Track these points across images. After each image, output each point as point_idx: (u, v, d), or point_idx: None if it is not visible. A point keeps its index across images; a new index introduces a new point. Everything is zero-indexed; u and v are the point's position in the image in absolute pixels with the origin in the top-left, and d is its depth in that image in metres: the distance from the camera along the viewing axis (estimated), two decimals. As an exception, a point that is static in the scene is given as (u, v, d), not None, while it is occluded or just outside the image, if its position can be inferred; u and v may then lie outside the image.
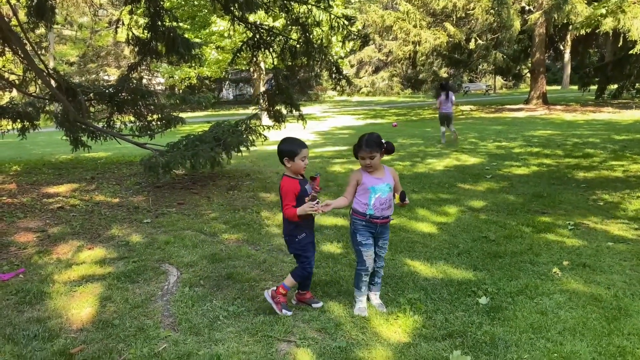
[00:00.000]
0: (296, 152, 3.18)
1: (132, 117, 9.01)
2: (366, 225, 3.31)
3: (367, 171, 3.32)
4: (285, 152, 3.20)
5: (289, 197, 3.17)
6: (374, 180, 3.31)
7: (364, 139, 3.29)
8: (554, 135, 12.35)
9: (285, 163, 3.20)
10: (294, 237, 3.29)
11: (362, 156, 3.29)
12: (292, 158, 3.18)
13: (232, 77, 41.56)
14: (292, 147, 3.21)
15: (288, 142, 3.26)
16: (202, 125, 16.95)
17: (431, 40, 19.24)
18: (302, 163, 3.20)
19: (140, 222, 5.59)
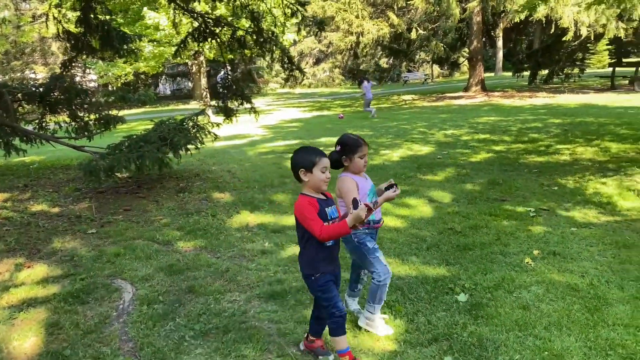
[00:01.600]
0: (314, 162, 2.55)
1: (67, 118, 8.33)
2: (369, 233, 3.01)
3: (362, 172, 2.98)
4: (301, 162, 2.57)
5: (313, 216, 2.49)
6: (366, 182, 3.00)
7: (355, 136, 2.96)
8: (498, 121, 12.64)
9: (302, 176, 2.57)
10: (309, 277, 2.66)
11: (364, 154, 2.93)
12: (309, 169, 2.55)
13: (169, 71, 40.13)
14: (310, 156, 2.57)
15: (303, 151, 2.64)
16: (142, 123, 16.17)
17: (374, 31, 19.25)
18: (322, 176, 2.56)
19: (85, 232, 5.12)
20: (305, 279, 2.69)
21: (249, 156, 9.42)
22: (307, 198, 2.56)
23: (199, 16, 7.07)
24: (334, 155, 2.88)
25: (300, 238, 2.63)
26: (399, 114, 16.85)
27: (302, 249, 2.64)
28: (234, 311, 3.35)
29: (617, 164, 7.13)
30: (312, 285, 2.66)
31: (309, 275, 2.64)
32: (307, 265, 2.64)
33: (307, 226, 2.49)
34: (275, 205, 5.98)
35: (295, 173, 2.62)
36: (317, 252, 2.58)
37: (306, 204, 2.53)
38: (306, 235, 2.55)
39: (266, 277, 3.91)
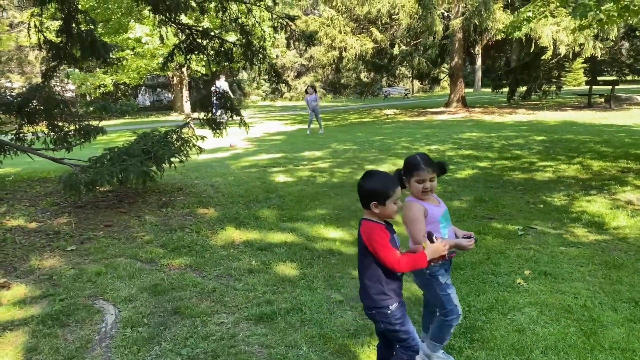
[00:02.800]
0: (389, 194, 2.30)
1: (45, 128, 8.11)
2: (442, 265, 2.64)
3: (423, 198, 2.60)
4: (376, 194, 2.29)
5: (387, 244, 2.28)
6: (437, 209, 2.64)
7: (420, 157, 2.58)
8: (480, 137, 12.74)
9: (373, 208, 2.30)
10: (385, 310, 2.36)
11: (422, 179, 2.54)
12: (383, 202, 2.29)
13: (149, 82, 39.78)
14: (385, 187, 2.31)
15: (378, 179, 2.36)
16: (122, 135, 15.91)
17: (357, 46, 19.38)
18: (395, 207, 2.32)
19: (64, 249, 4.94)
20: (375, 314, 2.39)
21: (233, 170, 9.29)
22: (375, 224, 2.33)
23: (185, 28, 6.98)
24: (397, 175, 2.60)
25: (366, 267, 2.35)
26: (382, 128, 16.90)
27: (367, 280, 2.37)
28: (222, 334, 3.23)
29: (600, 182, 7.21)
30: (387, 318, 2.37)
31: (382, 308, 2.35)
32: (379, 297, 2.36)
33: (382, 255, 2.25)
34: (261, 221, 5.87)
35: (364, 202, 2.34)
36: (388, 282, 2.34)
37: (378, 231, 2.29)
38: (374, 264, 2.31)
39: (254, 297, 3.80)
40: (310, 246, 4.96)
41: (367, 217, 2.37)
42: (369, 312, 2.42)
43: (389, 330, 2.41)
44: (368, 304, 2.40)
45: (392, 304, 2.36)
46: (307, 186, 7.67)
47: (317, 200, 6.79)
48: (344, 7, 19.99)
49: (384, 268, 2.29)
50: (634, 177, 7.34)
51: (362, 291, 2.43)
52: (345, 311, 3.53)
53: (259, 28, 7.31)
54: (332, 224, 5.68)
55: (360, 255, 2.39)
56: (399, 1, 18.18)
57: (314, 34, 6.96)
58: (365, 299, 2.42)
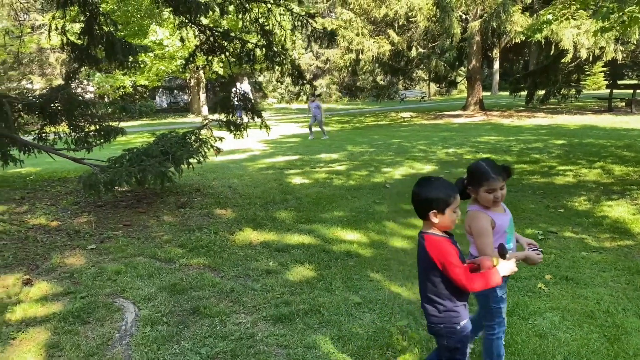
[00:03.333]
0: (448, 202, 2.16)
1: (67, 129, 8.23)
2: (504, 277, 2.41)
3: (491, 208, 2.49)
4: (435, 200, 2.16)
5: (458, 262, 2.14)
6: (504, 218, 2.52)
7: (487, 165, 2.47)
8: (499, 141, 12.62)
9: (431, 217, 2.16)
10: (454, 326, 2.23)
11: (492, 188, 2.42)
12: (442, 210, 2.16)
13: (166, 84, 40.18)
14: (443, 195, 2.16)
15: (434, 187, 2.21)
16: (140, 135, 16.07)
17: (374, 49, 19.32)
18: (454, 216, 2.18)
19: (84, 248, 5.00)
20: (443, 329, 2.25)
21: (249, 171, 9.33)
22: (442, 239, 2.18)
23: (206, 29, 7.02)
24: (459, 185, 2.48)
25: (433, 283, 2.20)
26: (398, 131, 16.84)
27: (435, 296, 2.22)
28: (241, 334, 3.24)
29: (622, 187, 7.09)
30: (455, 335, 2.24)
31: (452, 325, 2.23)
32: (448, 315, 2.22)
33: (453, 274, 2.10)
34: (278, 223, 5.88)
35: (421, 212, 2.20)
36: (456, 299, 2.21)
37: (447, 247, 2.15)
38: (442, 281, 2.18)
39: (272, 298, 3.80)
40: (328, 248, 4.95)
41: (427, 231, 2.22)
42: (436, 327, 2.27)
43: (451, 347, 2.28)
44: (435, 321, 2.26)
45: (462, 321, 2.23)
46: (324, 188, 7.67)
47: (333, 203, 6.78)
48: (361, 9, 19.95)
49: (454, 285, 2.16)
50: (657, 182, 7.21)
51: (427, 306, 2.28)
52: (363, 313, 3.51)
53: (280, 28, 7.30)
54: (349, 226, 5.67)
55: (425, 270, 2.23)
56: (416, 3, 18.10)
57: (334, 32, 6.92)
58: (431, 315, 2.27)
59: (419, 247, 2.25)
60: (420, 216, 2.22)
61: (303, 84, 7.52)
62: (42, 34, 28.07)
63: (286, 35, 7.33)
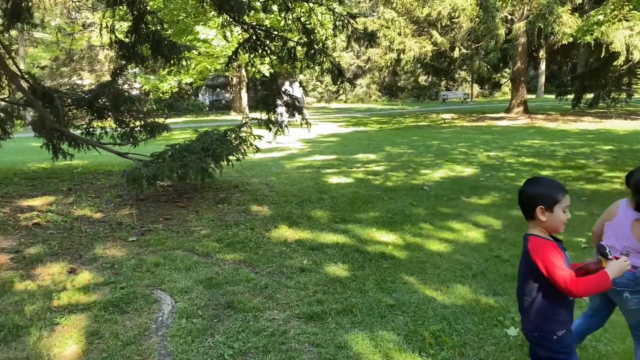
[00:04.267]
0: (557, 199, 2.06)
1: (113, 124, 8.52)
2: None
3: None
4: (542, 198, 2.06)
5: (562, 265, 2.02)
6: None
7: None
8: (543, 145, 12.27)
9: (538, 215, 2.06)
10: (550, 335, 2.10)
11: None
12: (550, 207, 2.05)
13: (209, 82, 40.99)
14: (552, 191, 2.07)
15: (542, 185, 2.13)
16: (183, 132, 16.45)
17: (416, 49, 19.13)
18: (563, 216, 2.07)
19: (125, 240, 5.15)
20: (538, 337, 2.13)
21: (287, 170, 9.40)
22: (546, 241, 2.07)
23: (249, 27, 7.12)
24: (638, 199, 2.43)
25: (533, 288, 2.11)
26: (439, 132, 16.62)
27: (532, 300, 2.11)
28: (274, 331, 3.26)
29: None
30: (551, 345, 2.10)
31: (548, 333, 2.10)
32: (547, 321, 2.10)
33: (557, 278, 1.99)
34: (313, 221, 5.90)
35: (528, 209, 2.11)
36: (558, 305, 2.09)
37: (551, 249, 2.04)
38: (544, 284, 2.06)
39: (305, 296, 3.82)
40: (362, 248, 4.93)
41: (533, 233, 2.12)
42: (531, 334, 2.16)
43: (550, 358, 2.13)
44: (530, 327, 2.15)
45: (560, 331, 2.09)
46: (360, 188, 7.64)
47: (370, 203, 6.75)
48: (404, 8, 19.78)
49: (556, 291, 2.04)
50: None
51: (524, 311, 2.18)
52: (396, 316, 3.48)
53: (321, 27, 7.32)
54: (384, 228, 5.63)
55: (526, 274, 2.15)
56: (460, 4, 17.80)
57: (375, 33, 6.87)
58: (527, 321, 2.16)
59: (523, 250, 2.15)
60: (527, 215, 2.13)
61: (342, 82, 7.50)
62: (92, 31, 29.13)
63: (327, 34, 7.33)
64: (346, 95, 45.81)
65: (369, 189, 7.61)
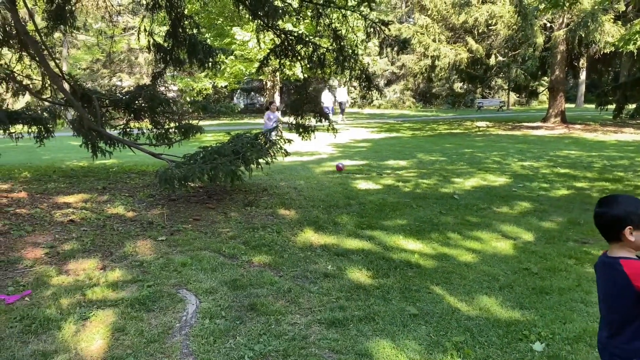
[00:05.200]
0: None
1: (149, 125, 8.75)
2: None
3: None
4: (629, 217, 1.90)
5: None
6: None
7: None
8: (579, 156, 11.94)
9: (627, 235, 1.90)
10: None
11: None
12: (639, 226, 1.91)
13: (244, 86, 41.54)
14: (638, 208, 1.92)
15: (626, 203, 1.96)
16: (217, 134, 16.69)
17: (451, 55, 18.93)
18: None
19: (155, 239, 5.27)
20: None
21: (316, 174, 9.43)
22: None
23: (281, 33, 7.20)
24: None
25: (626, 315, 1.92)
26: (473, 140, 16.37)
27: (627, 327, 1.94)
28: (295, 335, 3.28)
29: None
30: None
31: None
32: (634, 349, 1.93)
33: None
34: (339, 227, 5.90)
35: (613, 230, 1.94)
36: None
37: None
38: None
39: (328, 302, 3.82)
40: (387, 256, 4.90)
41: (621, 255, 1.93)
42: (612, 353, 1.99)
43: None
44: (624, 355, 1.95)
45: None
46: (389, 195, 7.60)
47: (397, 210, 6.71)
48: (440, 15, 19.62)
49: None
50: None
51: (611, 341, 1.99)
52: (419, 325, 3.45)
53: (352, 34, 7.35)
54: (411, 236, 5.58)
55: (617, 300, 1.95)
56: (497, 11, 17.53)
57: (408, 40, 6.84)
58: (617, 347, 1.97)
59: (605, 275, 2.00)
60: (611, 237, 1.97)
61: (370, 89, 7.50)
62: (132, 35, 29.95)
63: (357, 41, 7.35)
64: (379, 100, 45.62)
65: (397, 196, 7.56)
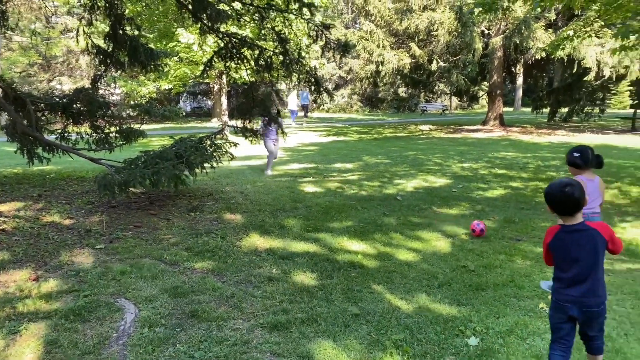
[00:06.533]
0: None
1: (89, 129, 8.44)
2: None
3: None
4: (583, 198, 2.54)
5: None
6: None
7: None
8: (515, 157, 12.49)
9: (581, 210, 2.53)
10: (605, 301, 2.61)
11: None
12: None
13: (191, 89, 40.77)
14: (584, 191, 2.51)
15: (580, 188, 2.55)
16: (162, 139, 16.31)
17: (394, 61, 19.35)
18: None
19: (93, 247, 5.09)
20: (602, 307, 2.60)
21: (263, 178, 9.40)
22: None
23: (225, 36, 7.13)
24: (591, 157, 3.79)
25: (600, 266, 2.57)
26: (416, 143, 16.79)
27: (601, 277, 2.59)
28: (236, 340, 3.26)
29: (637, 208, 6.95)
30: (605, 310, 2.62)
31: (605, 300, 2.60)
32: (604, 291, 2.60)
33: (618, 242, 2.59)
34: (285, 230, 5.91)
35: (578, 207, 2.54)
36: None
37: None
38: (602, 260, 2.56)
39: (271, 305, 3.82)
40: (332, 257, 4.96)
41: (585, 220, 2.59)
42: (599, 308, 2.57)
43: (602, 321, 2.64)
44: (600, 300, 2.57)
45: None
46: (335, 198, 7.68)
47: (343, 212, 6.79)
48: (383, 21, 20.02)
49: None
50: (675, 206, 7.05)
51: (594, 289, 2.56)
52: (360, 325, 3.51)
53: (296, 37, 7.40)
54: (356, 237, 5.67)
55: (599, 255, 2.55)
56: (438, 18, 18.09)
57: (350, 44, 6.94)
58: (596, 296, 2.56)
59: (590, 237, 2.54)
60: (574, 211, 2.55)
61: (320, 92, 7.56)
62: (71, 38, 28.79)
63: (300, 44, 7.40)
64: (327, 104, 45.92)
65: (343, 198, 7.65)
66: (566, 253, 2.58)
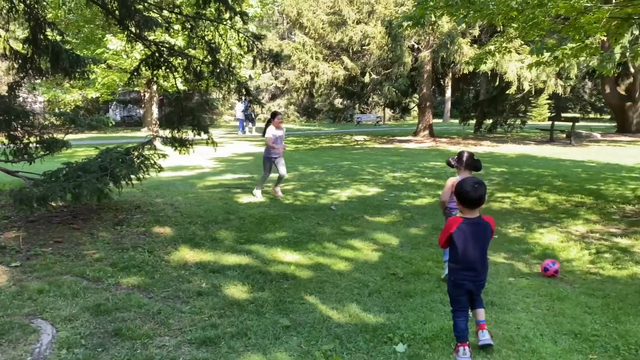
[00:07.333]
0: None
1: (5, 140, 7.90)
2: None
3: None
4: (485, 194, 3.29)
5: None
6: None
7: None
8: (444, 167, 12.97)
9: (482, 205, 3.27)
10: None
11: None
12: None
13: (121, 97, 39.36)
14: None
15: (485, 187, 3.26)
16: (88, 149, 15.59)
17: (329, 72, 19.63)
18: None
19: (8, 265, 4.76)
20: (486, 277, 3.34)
21: (196, 189, 9.20)
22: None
23: (152, 44, 6.95)
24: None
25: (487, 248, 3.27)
26: (351, 153, 17.07)
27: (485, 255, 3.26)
28: (162, 357, 3.15)
29: (554, 214, 7.41)
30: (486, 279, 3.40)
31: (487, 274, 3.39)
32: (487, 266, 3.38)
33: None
34: (217, 243, 5.81)
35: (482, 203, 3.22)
36: None
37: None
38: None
39: (200, 321, 3.72)
40: (265, 269, 4.92)
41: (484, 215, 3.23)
42: (485, 281, 3.32)
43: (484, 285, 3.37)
44: (485, 276, 3.29)
45: None
46: (269, 208, 7.65)
47: (277, 223, 6.77)
48: (317, 33, 20.29)
49: None
50: (586, 212, 7.58)
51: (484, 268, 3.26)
52: (290, 337, 3.49)
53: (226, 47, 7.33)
54: (289, 248, 5.66)
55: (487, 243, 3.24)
56: (370, 32, 18.57)
57: (281, 54, 6.98)
58: (484, 272, 3.27)
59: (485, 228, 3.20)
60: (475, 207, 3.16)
61: (251, 102, 7.52)
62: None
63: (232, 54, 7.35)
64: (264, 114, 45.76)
65: (278, 209, 7.63)
66: (466, 241, 3.14)
